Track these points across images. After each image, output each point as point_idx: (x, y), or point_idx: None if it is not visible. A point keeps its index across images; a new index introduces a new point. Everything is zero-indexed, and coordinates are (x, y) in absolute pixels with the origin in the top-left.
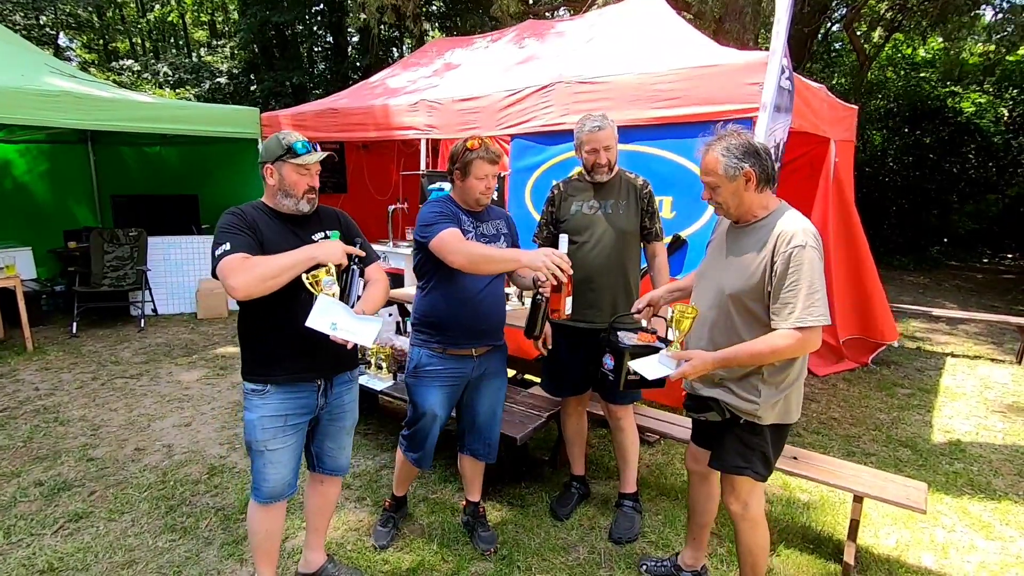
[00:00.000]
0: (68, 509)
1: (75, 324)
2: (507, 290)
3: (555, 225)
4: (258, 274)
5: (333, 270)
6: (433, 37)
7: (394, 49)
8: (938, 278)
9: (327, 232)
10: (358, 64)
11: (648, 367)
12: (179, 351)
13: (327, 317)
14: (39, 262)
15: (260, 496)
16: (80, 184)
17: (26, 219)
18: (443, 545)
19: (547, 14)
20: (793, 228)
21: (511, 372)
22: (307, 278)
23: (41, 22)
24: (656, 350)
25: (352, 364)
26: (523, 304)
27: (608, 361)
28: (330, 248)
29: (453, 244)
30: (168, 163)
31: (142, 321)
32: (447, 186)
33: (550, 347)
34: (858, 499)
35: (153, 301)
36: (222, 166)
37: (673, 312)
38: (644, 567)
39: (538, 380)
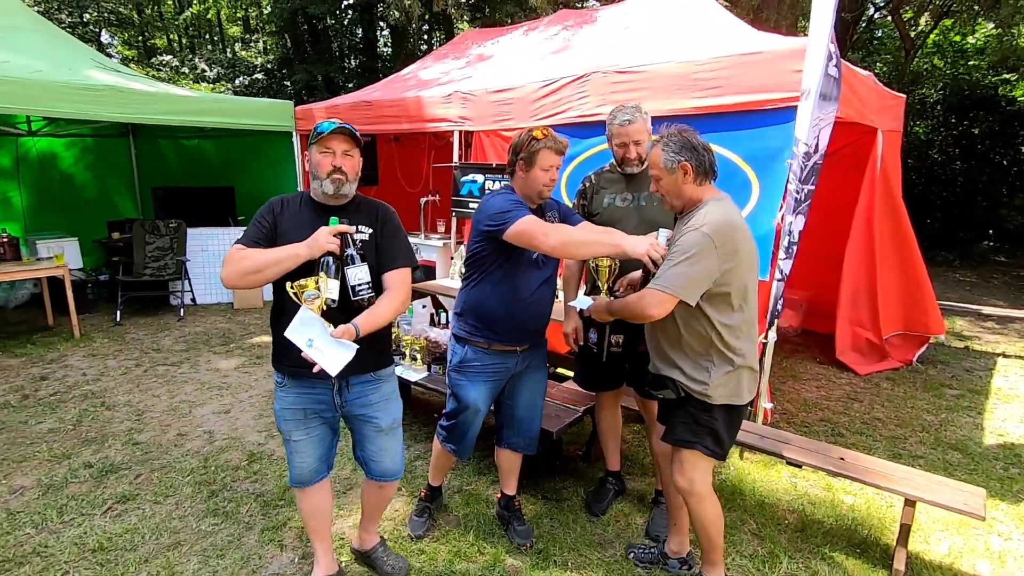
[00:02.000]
0: (116, 491)
1: (119, 312)
2: None
3: (587, 219)
4: (241, 268)
5: (324, 281)
6: (463, 29)
7: (423, 44)
8: (985, 274)
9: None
10: (388, 58)
11: (577, 301)
12: (217, 340)
13: (305, 332)
14: (84, 252)
15: (292, 480)
16: (122, 176)
17: (72, 210)
18: (479, 537)
19: (577, 3)
20: (703, 216)
21: None
22: (291, 287)
23: (85, 19)
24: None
25: (373, 364)
26: (558, 298)
27: (592, 335)
28: (313, 243)
29: (543, 226)
30: (205, 156)
31: (181, 310)
32: (480, 178)
33: (582, 343)
34: (910, 503)
35: (192, 291)
36: (257, 158)
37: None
38: (632, 554)
39: (570, 374)
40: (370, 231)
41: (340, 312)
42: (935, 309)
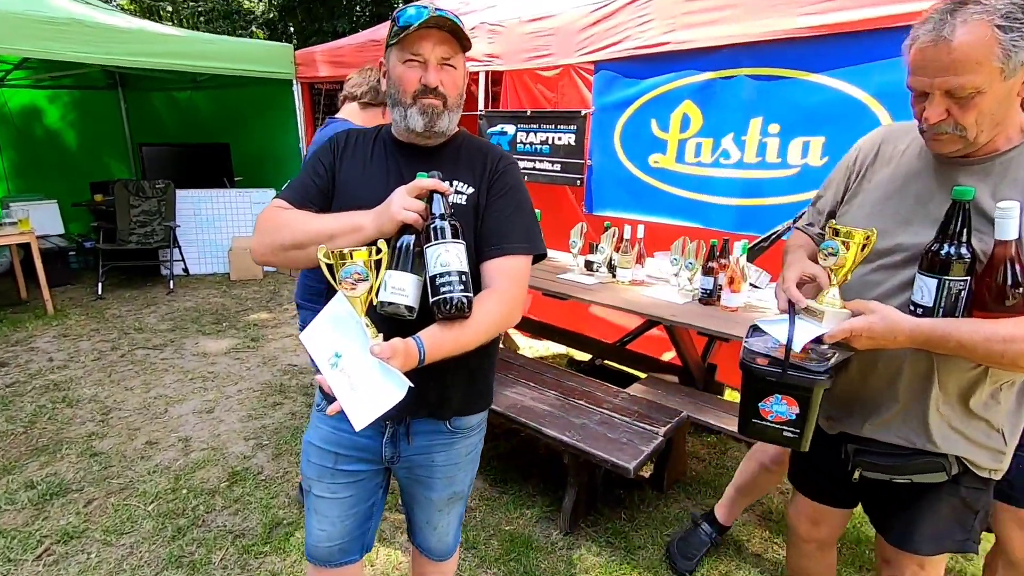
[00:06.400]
0: (59, 525)
1: (100, 285)
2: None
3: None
4: (275, 240)
5: (398, 276)
6: None
7: None
8: None
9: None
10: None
11: (801, 331)
12: (208, 317)
13: (332, 338)
14: (70, 216)
15: (306, 549)
16: (113, 134)
17: (57, 170)
18: None
19: None
20: None
21: (585, 356)
22: (324, 255)
23: None
24: (847, 352)
25: (453, 407)
26: (614, 278)
27: (781, 408)
28: (384, 212)
29: None
30: (199, 109)
31: (171, 282)
32: (511, 129)
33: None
34: None
35: (184, 260)
36: (255, 112)
37: (830, 239)
38: None
39: (639, 374)
40: (471, 190)
41: (422, 323)
42: None
